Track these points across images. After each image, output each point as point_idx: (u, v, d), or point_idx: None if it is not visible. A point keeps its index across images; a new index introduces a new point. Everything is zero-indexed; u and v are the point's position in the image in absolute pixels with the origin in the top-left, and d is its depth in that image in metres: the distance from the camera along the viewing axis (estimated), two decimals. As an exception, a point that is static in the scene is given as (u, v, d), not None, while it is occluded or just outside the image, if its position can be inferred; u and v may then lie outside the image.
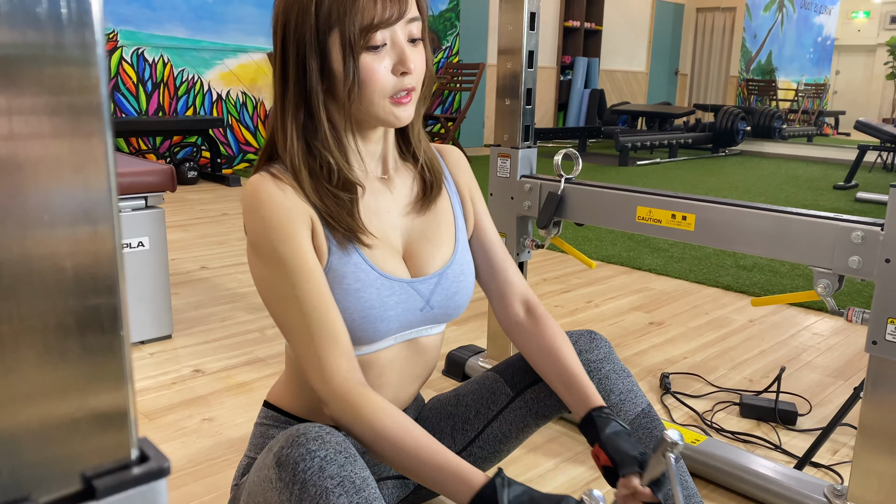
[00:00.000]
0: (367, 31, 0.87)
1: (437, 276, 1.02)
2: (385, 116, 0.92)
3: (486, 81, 7.87)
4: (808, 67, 13.79)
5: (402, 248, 1.02)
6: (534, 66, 1.73)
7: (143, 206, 2.11)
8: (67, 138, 0.28)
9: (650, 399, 1.89)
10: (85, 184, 0.28)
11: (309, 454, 0.81)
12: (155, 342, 2.18)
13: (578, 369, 1.05)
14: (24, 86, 0.27)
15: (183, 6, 5.44)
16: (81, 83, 0.28)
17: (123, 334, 0.29)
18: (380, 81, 0.89)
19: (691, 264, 3.30)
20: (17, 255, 0.27)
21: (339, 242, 0.94)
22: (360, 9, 0.86)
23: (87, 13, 0.28)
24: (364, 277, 0.94)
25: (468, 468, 0.85)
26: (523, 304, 1.11)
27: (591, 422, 0.98)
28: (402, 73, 0.90)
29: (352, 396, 0.87)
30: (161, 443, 1.61)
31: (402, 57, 0.90)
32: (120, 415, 0.30)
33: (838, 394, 1.96)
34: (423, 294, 1.01)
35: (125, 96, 5.23)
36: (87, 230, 0.28)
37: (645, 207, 1.53)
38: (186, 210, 4.22)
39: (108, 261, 0.29)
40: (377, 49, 0.89)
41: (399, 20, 0.89)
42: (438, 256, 1.03)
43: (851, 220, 1.26)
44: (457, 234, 1.07)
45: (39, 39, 0.27)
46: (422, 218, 1.04)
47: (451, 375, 2.01)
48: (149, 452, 0.30)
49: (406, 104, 0.93)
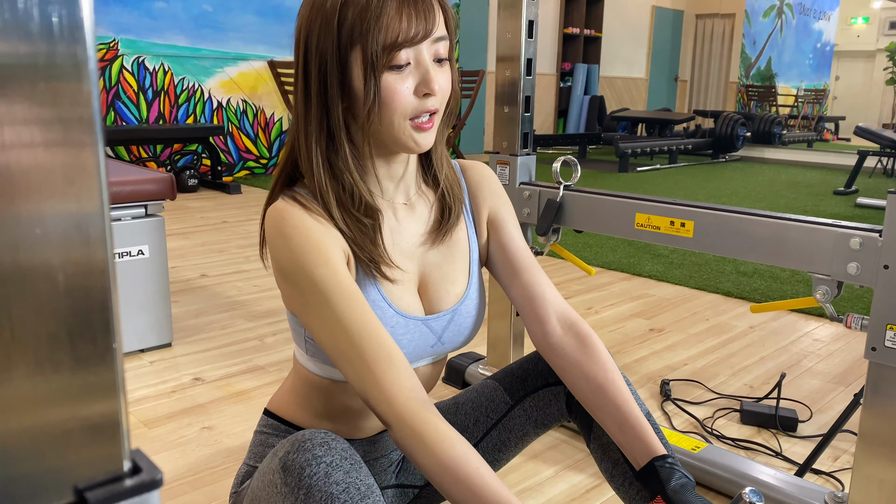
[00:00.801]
0: (391, 50, 0.82)
1: (451, 313, 1.00)
2: (405, 140, 0.88)
3: (486, 88, 7.89)
4: (808, 73, 13.82)
5: (417, 280, 0.99)
6: (532, 73, 1.74)
7: (143, 214, 2.11)
8: (59, 151, 0.28)
9: (651, 406, 1.89)
10: (77, 196, 0.28)
11: (315, 459, 0.81)
12: (155, 350, 2.18)
13: (635, 409, 0.97)
14: (16, 99, 0.27)
15: (183, 15, 5.46)
16: (73, 97, 0.28)
17: (116, 346, 0.29)
18: (401, 102, 0.85)
19: (691, 270, 3.30)
20: (8, 267, 0.27)
21: (362, 274, 0.91)
22: (385, 25, 0.82)
23: (78, 28, 0.28)
24: (380, 314, 0.92)
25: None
26: (562, 321, 1.03)
27: (654, 472, 0.93)
28: (425, 94, 0.86)
29: (418, 422, 0.82)
30: (160, 451, 1.61)
31: (427, 78, 0.85)
32: (112, 426, 0.30)
33: (839, 400, 1.96)
34: (435, 331, 0.99)
35: (126, 104, 5.25)
36: (79, 243, 0.28)
37: (644, 214, 1.53)
38: (187, 218, 4.23)
39: (101, 273, 0.29)
40: (400, 68, 0.84)
41: (425, 39, 0.84)
42: (453, 292, 1.00)
43: (850, 227, 1.26)
44: (470, 267, 1.03)
45: (32, 53, 0.27)
46: (438, 250, 1.00)
47: (450, 383, 2.01)
48: (141, 464, 0.30)
49: (427, 130, 0.88)
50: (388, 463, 1.13)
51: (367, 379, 0.84)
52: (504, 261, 1.05)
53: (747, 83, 12.15)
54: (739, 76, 12.01)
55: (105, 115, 5.16)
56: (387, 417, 0.84)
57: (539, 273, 1.05)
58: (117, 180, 2.06)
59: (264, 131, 6.11)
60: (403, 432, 0.82)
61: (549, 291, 1.04)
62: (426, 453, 0.81)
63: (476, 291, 1.04)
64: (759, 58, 12.35)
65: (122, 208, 2.07)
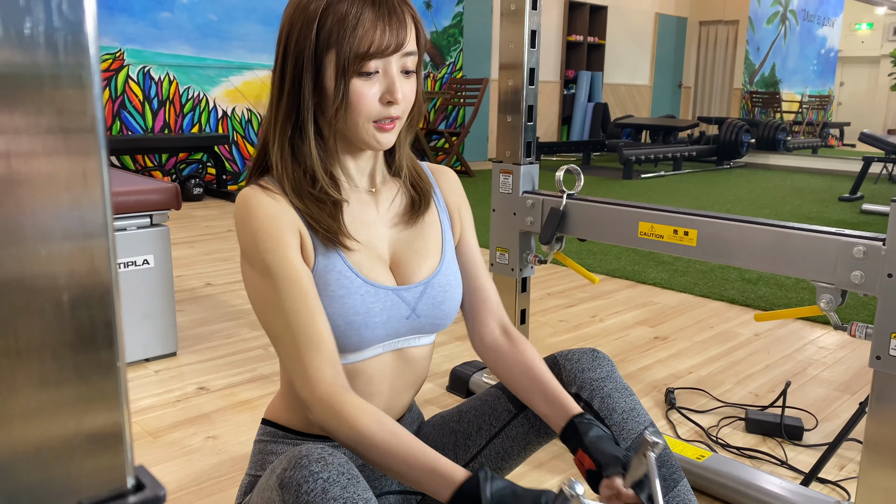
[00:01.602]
0: (362, 59, 0.90)
1: (423, 285, 1.04)
2: (367, 139, 0.96)
3: (490, 96, 7.90)
4: (812, 79, 13.81)
5: (388, 259, 1.04)
6: (535, 82, 1.75)
7: (148, 224, 2.12)
8: (64, 162, 0.28)
9: (655, 415, 1.89)
10: (81, 216, 0.29)
11: (312, 476, 0.81)
12: (160, 360, 2.19)
13: (555, 383, 1.06)
14: (20, 106, 0.27)
15: (188, 25, 5.49)
16: (77, 105, 0.29)
17: (120, 364, 0.30)
18: (366, 106, 0.93)
19: (696, 278, 3.30)
20: (14, 285, 0.27)
21: (323, 248, 0.97)
22: (359, 35, 0.89)
23: (82, 37, 0.28)
24: (348, 284, 0.97)
25: (451, 465, 0.86)
26: (499, 325, 1.13)
27: (574, 428, 0.99)
28: (389, 102, 0.93)
29: (335, 401, 0.89)
30: (165, 461, 1.61)
31: (392, 88, 0.93)
32: (116, 443, 0.30)
33: (845, 408, 1.95)
34: (408, 302, 1.02)
35: (131, 114, 5.28)
36: (83, 261, 0.29)
37: (647, 223, 1.53)
38: (192, 227, 4.24)
39: (105, 291, 0.29)
40: (369, 75, 0.92)
41: (395, 52, 0.92)
42: (425, 266, 1.05)
43: (853, 235, 1.25)
44: (444, 246, 1.09)
45: (37, 62, 0.27)
46: (409, 230, 1.06)
47: (454, 391, 2.01)
48: (145, 480, 0.31)
49: (388, 131, 0.96)
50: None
51: (295, 362, 0.91)
52: (459, 263, 1.14)
53: (751, 89, 12.14)
54: (743, 82, 12.00)
55: (111, 125, 5.19)
56: (307, 399, 0.91)
57: (487, 279, 1.15)
58: (122, 190, 2.07)
59: (269, 140, 6.12)
60: (322, 411, 0.90)
61: (493, 298, 1.14)
62: (343, 426, 0.88)
63: (450, 269, 1.08)
64: (762, 64, 12.35)
65: (127, 218, 2.08)
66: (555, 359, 1.15)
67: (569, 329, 2.58)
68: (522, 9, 1.68)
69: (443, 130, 7.18)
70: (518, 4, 1.69)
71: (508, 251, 1.82)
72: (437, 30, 7.41)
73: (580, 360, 1.13)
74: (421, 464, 0.86)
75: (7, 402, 0.28)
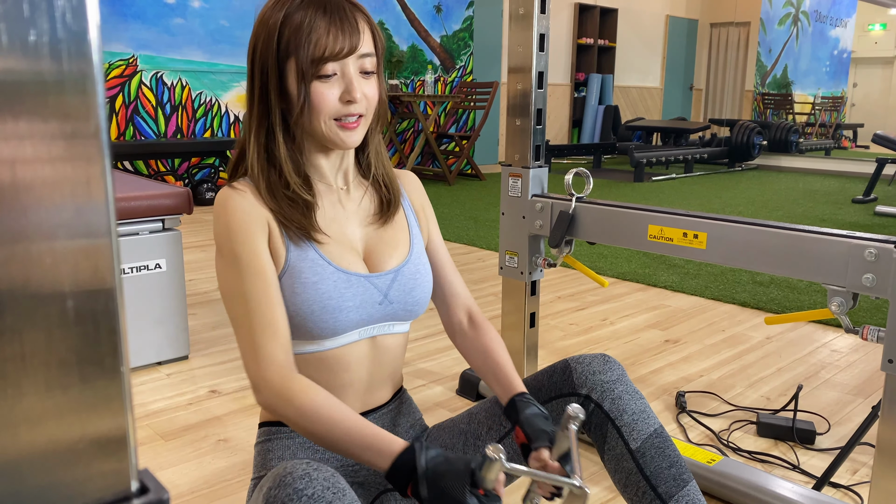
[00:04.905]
0: (318, 63, 0.97)
1: (394, 273, 1.10)
2: (332, 137, 1.02)
3: (501, 100, 7.90)
4: (825, 80, 13.72)
5: (362, 250, 1.10)
6: (543, 86, 1.75)
7: (160, 228, 2.13)
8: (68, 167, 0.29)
9: (666, 418, 1.88)
10: (87, 225, 0.29)
11: (296, 493, 0.82)
12: (172, 363, 2.20)
13: (507, 363, 1.13)
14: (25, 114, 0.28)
15: (201, 30, 5.53)
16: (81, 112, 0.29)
17: (124, 370, 0.30)
18: (326, 106, 0.99)
19: (707, 281, 3.28)
20: (20, 294, 0.28)
21: (295, 241, 1.02)
22: (314, 42, 0.96)
23: (86, 45, 0.29)
24: (321, 271, 1.02)
25: (390, 437, 0.90)
26: (466, 313, 1.21)
27: (514, 406, 1.05)
28: (348, 101, 1.00)
29: (282, 382, 0.94)
30: (177, 463, 1.62)
31: (350, 88, 0.99)
32: (120, 447, 0.30)
33: (858, 412, 1.94)
34: (380, 288, 1.07)
35: (144, 119, 5.32)
36: (88, 269, 0.29)
37: (656, 226, 1.53)
38: (204, 231, 4.27)
39: (109, 298, 0.30)
40: (328, 78, 0.98)
41: (350, 55, 0.98)
42: (395, 255, 1.12)
43: (864, 238, 1.25)
44: (412, 240, 1.16)
45: (41, 70, 0.28)
46: (380, 230, 1.13)
47: (464, 395, 2.01)
48: (149, 484, 0.31)
49: (352, 129, 1.02)
50: None
51: (249, 345, 0.96)
52: (429, 260, 1.21)
53: (763, 91, 12.08)
54: (755, 84, 11.94)
55: (124, 130, 5.23)
56: (255, 380, 0.96)
57: (454, 273, 1.23)
58: (134, 195, 2.08)
59: (280, 144, 6.16)
60: (268, 392, 0.94)
61: (460, 290, 1.22)
62: (289, 405, 0.93)
63: (419, 259, 1.15)
64: (774, 66, 12.28)
65: (140, 223, 2.09)
66: (566, 363, 1.15)
67: (579, 332, 2.57)
68: (531, 12, 1.69)
69: (453, 134, 7.18)
70: (527, 8, 1.69)
71: (518, 254, 1.82)
72: (448, 34, 7.42)
73: (591, 364, 1.13)
74: (361, 436, 0.91)
75: (14, 407, 0.29)
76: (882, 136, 6.18)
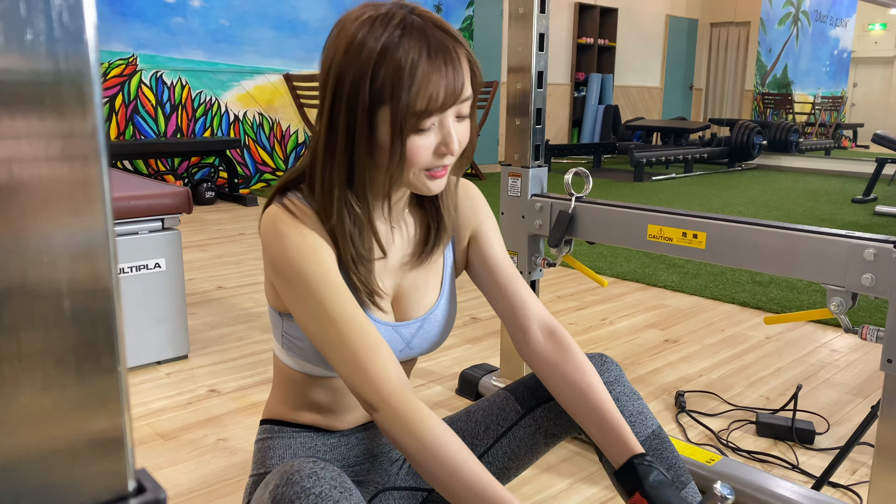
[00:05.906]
0: (419, 117, 0.86)
1: (421, 321, 1.05)
2: (419, 186, 0.93)
3: (500, 99, 7.90)
4: (825, 80, 13.72)
5: (392, 293, 1.04)
6: (543, 86, 1.75)
7: (159, 227, 2.13)
8: (65, 167, 0.29)
9: (665, 418, 1.88)
10: (83, 223, 0.29)
11: (304, 492, 0.81)
12: (171, 362, 2.20)
13: (612, 409, 1.01)
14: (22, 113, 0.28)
15: (201, 30, 5.53)
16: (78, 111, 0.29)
17: (121, 369, 0.30)
18: (421, 159, 0.90)
19: (707, 280, 3.28)
20: (16, 292, 0.28)
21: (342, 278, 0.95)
22: (415, 92, 0.84)
23: (83, 45, 0.29)
24: None
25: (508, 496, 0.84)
26: (543, 329, 1.07)
27: (632, 469, 0.95)
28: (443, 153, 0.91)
29: (403, 406, 0.87)
30: (176, 463, 1.62)
31: (448, 140, 0.89)
32: (117, 447, 0.30)
33: (857, 412, 1.94)
34: (404, 337, 1.03)
35: (144, 119, 5.32)
36: (84, 267, 0.29)
37: (656, 226, 1.53)
38: (204, 230, 4.27)
39: (106, 297, 0.30)
40: (425, 131, 0.88)
41: (452, 105, 0.88)
42: (423, 303, 1.05)
43: (864, 238, 1.25)
44: (444, 277, 1.09)
45: (38, 70, 0.28)
46: (413, 271, 1.05)
47: (464, 394, 2.01)
48: (146, 483, 0.31)
49: (440, 178, 0.93)
50: (388, 462, 1.13)
51: (355, 366, 0.88)
52: (486, 273, 1.10)
53: (763, 91, 12.08)
54: (755, 84, 11.94)
55: (124, 129, 5.23)
56: (373, 401, 0.88)
57: (521, 284, 1.09)
58: (134, 194, 2.08)
59: (280, 144, 6.16)
60: (388, 415, 0.87)
61: (530, 301, 1.08)
62: (409, 435, 0.86)
63: (446, 302, 1.08)
64: (774, 65, 12.28)
65: (139, 222, 2.09)
66: None
67: (579, 332, 2.57)
68: (531, 12, 1.69)
69: (453, 133, 7.18)
70: (526, 8, 1.69)
71: (517, 254, 1.82)
72: (448, 33, 7.42)
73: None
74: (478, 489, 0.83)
75: (10, 406, 0.29)
76: (882, 136, 6.18)
